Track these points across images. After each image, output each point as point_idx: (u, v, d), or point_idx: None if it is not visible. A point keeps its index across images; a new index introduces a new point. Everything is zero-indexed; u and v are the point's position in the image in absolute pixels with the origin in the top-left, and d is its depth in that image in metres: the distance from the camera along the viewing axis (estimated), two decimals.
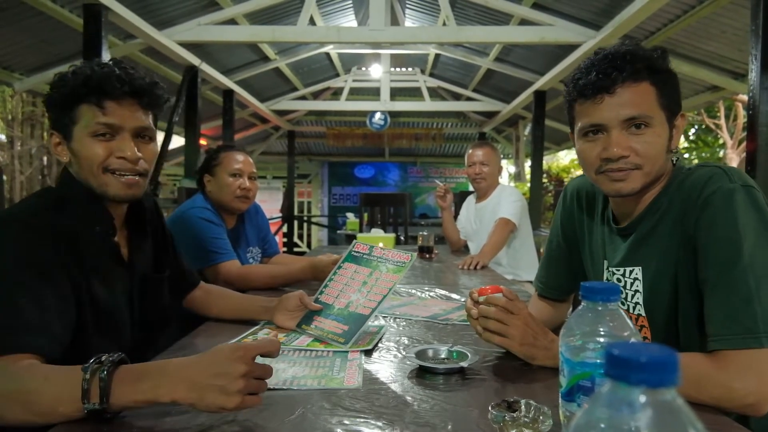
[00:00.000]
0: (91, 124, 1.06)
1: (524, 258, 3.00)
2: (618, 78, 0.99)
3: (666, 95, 1.01)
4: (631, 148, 1.00)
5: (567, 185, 1.35)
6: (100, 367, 0.77)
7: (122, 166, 1.09)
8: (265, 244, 2.39)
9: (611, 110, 1.00)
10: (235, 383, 0.75)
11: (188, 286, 1.48)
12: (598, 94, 1.01)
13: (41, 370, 0.84)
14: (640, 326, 1.09)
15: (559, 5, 4.43)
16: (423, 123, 10.04)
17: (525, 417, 0.73)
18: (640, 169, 1.01)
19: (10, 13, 3.79)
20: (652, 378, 0.34)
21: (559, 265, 1.36)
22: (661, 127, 1.01)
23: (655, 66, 1.01)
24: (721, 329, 0.88)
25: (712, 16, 3.72)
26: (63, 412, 0.77)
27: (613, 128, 1.01)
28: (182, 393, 0.76)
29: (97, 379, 0.76)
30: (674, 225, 1.01)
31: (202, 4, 4.56)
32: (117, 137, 1.08)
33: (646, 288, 1.06)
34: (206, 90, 6.36)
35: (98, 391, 0.75)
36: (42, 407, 0.78)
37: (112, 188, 1.09)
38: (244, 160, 2.14)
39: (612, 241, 1.16)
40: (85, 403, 0.75)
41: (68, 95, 1.07)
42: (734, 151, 11.24)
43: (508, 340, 1.02)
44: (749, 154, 2.74)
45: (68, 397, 0.77)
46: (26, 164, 10.68)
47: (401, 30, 5.42)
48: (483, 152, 3.00)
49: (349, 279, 1.30)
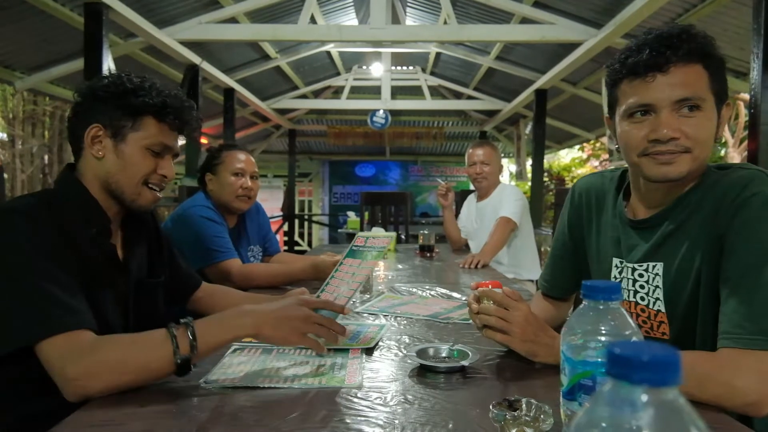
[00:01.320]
0: (154, 140, 1.14)
1: (525, 257, 3.00)
2: (672, 57, 0.96)
3: (717, 80, 0.98)
4: (681, 131, 0.96)
5: (575, 184, 1.34)
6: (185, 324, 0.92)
7: (160, 182, 1.18)
8: (266, 242, 2.39)
9: (663, 90, 0.96)
10: (300, 324, 0.98)
11: (190, 288, 1.47)
12: (650, 72, 0.97)
13: (125, 338, 0.95)
14: (659, 322, 1.07)
15: (561, 4, 4.42)
16: (424, 122, 10.03)
17: (526, 416, 0.73)
18: (689, 152, 0.98)
19: (11, 12, 3.79)
20: (654, 377, 0.34)
21: (564, 265, 1.35)
22: (711, 112, 0.98)
23: (708, 50, 0.98)
24: (738, 328, 0.88)
25: (714, 14, 3.71)
26: (154, 368, 0.89)
27: (664, 108, 0.97)
28: (262, 326, 0.96)
29: (184, 331, 0.91)
30: (704, 223, 0.99)
31: (203, 2, 4.56)
32: (164, 156, 1.18)
33: (667, 284, 1.05)
34: (207, 88, 6.36)
35: (188, 342, 0.90)
36: (135, 367, 0.88)
37: (143, 199, 1.16)
38: (246, 159, 2.14)
39: (628, 236, 1.13)
40: (177, 354, 0.89)
41: (140, 105, 1.12)
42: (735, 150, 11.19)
43: (509, 337, 1.01)
44: (750, 153, 2.74)
45: (159, 353, 0.89)
46: (27, 163, 10.69)
47: (402, 28, 5.41)
48: (483, 152, 3.00)
49: (344, 274, 1.29)
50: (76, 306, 0.95)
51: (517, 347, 1.02)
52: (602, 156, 12.10)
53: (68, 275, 0.98)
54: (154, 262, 1.31)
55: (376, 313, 1.53)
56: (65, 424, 0.78)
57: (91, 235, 1.09)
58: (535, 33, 4.46)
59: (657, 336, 1.08)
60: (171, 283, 1.38)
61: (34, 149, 10.72)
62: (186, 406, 0.84)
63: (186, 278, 1.46)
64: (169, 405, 0.84)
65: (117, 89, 1.12)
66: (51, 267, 0.96)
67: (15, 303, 0.92)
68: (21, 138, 10.63)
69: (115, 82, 1.13)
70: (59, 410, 0.82)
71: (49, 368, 0.90)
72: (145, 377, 0.90)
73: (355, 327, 1.34)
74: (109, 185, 1.13)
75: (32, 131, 10.72)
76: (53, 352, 0.89)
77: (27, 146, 10.71)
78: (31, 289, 0.93)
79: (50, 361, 0.89)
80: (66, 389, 0.87)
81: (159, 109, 1.13)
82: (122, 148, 1.12)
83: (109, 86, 1.13)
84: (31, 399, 0.99)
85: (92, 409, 0.83)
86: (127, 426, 0.78)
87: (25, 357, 0.90)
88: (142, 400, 0.86)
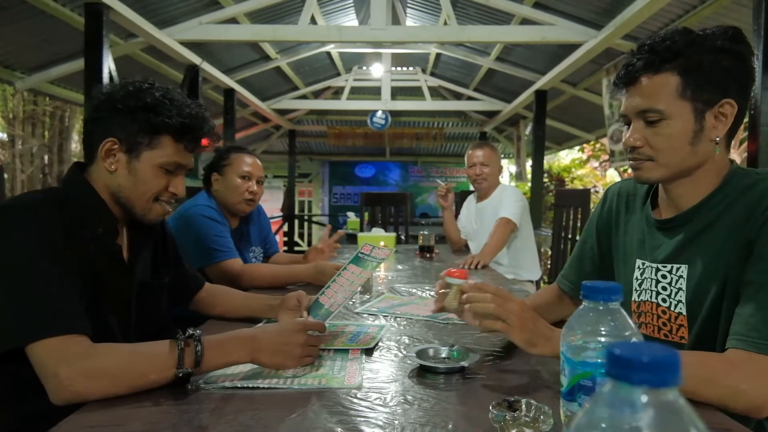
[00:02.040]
0: (168, 159, 1.14)
1: (525, 258, 3.00)
2: (635, 71, 1.01)
3: (694, 85, 0.97)
4: (644, 140, 1.02)
5: (608, 188, 1.33)
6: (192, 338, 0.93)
7: (170, 199, 1.19)
8: (267, 244, 2.39)
9: (631, 102, 1.04)
10: (297, 349, 1.01)
11: (194, 289, 1.47)
12: (624, 88, 1.05)
13: (125, 346, 0.94)
14: (679, 325, 1.06)
15: (561, 5, 4.43)
16: (424, 122, 10.04)
17: (526, 416, 0.73)
18: (652, 160, 1.03)
19: (11, 12, 3.79)
20: (654, 378, 0.34)
21: (591, 266, 1.33)
22: (681, 119, 0.99)
23: (686, 53, 0.97)
24: (751, 331, 0.87)
25: (714, 15, 3.72)
26: (154, 379, 0.89)
27: (633, 119, 1.04)
28: (260, 355, 0.98)
29: (192, 349, 0.92)
30: (733, 227, 0.98)
31: (203, 3, 4.56)
32: (177, 174, 1.18)
33: (690, 288, 1.04)
34: (207, 89, 6.37)
35: (193, 358, 0.91)
36: (132, 376, 0.88)
37: (154, 214, 1.17)
38: (254, 163, 2.15)
39: (653, 237, 1.13)
40: (180, 369, 0.89)
41: (159, 125, 1.10)
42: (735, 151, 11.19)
43: (507, 325, 0.97)
44: (750, 154, 2.74)
45: (160, 365, 0.90)
46: (27, 163, 10.69)
47: (402, 29, 5.42)
48: (483, 153, 3.00)
49: (345, 280, 1.29)
50: (72, 310, 0.94)
51: (516, 336, 0.97)
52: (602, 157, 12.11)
53: (68, 276, 0.97)
54: (158, 264, 1.30)
55: (375, 314, 1.52)
56: (64, 424, 0.78)
57: (97, 235, 1.09)
58: (535, 34, 4.46)
59: (674, 340, 1.07)
60: (175, 284, 1.37)
61: (34, 149, 10.72)
62: (186, 406, 0.84)
63: (190, 279, 1.46)
64: (169, 405, 0.84)
65: (137, 103, 1.09)
66: (51, 267, 0.95)
67: (10, 303, 0.91)
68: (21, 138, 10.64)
69: (136, 95, 1.10)
70: (58, 411, 0.82)
71: (40, 370, 0.88)
72: (143, 385, 0.89)
73: (354, 327, 1.34)
74: (119, 198, 1.13)
75: (32, 131, 10.73)
76: (45, 355, 0.87)
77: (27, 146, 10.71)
78: (28, 290, 0.92)
79: (42, 363, 0.87)
80: (55, 390, 0.86)
81: (178, 130, 1.12)
82: (135, 165, 1.11)
83: (130, 99, 1.10)
84: (30, 399, 0.99)
85: (91, 410, 0.83)
86: (126, 426, 0.78)
87: (24, 358, 0.90)
88: (142, 400, 0.86)
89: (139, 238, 1.23)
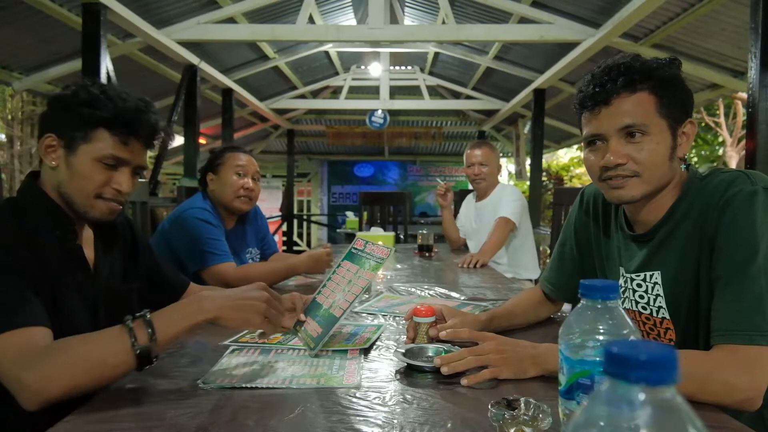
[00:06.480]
0: (104, 152, 1.09)
1: (524, 257, 3.00)
2: (613, 90, 1.02)
3: (667, 103, 1.02)
4: (628, 156, 1.03)
5: (585, 189, 1.34)
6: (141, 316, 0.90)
7: (115, 197, 1.12)
8: (264, 245, 2.38)
9: (608, 120, 1.03)
10: (260, 305, 0.98)
11: (178, 290, 1.46)
12: (596, 107, 1.04)
13: (75, 338, 0.90)
14: (665, 329, 1.09)
15: (559, 3, 4.43)
16: (422, 121, 10.04)
17: (524, 415, 0.73)
18: (638, 176, 1.03)
19: (9, 12, 3.79)
20: (652, 376, 0.34)
21: (571, 268, 1.34)
22: (660, 135, 1.02)
23: (655, 75, 1.02)
24: (731, 325, 0.89)
25: (712, 13, 3.72)
26: (112, 363, 0.86)
27: (611, 137, 1.04)
28: (222, 309, 0.95)
29: (140, 323, 0.89)
30: (694, 228, 1.02)
31: (201, 2, 4.56)
32: (119, 169, 1.12)
33: (667, 292, 1.07)
34: (205, 89, 6.36)
35: (146, 332, 0.88)
36: (92, 365, 0.85)
37: (96, 211, 1.11)
38: (248, 159, 2.15)
39: (627, 247, 1.16)
40: (135, 345, 0.86)
41: (91, 117, 1.07)
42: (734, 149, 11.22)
43: (496, 369, 0.96)
44: (749, 152, 2.74)
45: (115, 348, 0.87)
46: (26, 164, 10.68)
47: (400, 28, 5.42)
48: (481, 152, 3.00)
49: (341, 278, 1.28)
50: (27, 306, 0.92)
51: (505, 374, 0.96)
52: None
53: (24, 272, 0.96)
54: (128, 268, 1.29)
55: (374, 313, 1.53)
56: (64, 424, 0.78)
57: (55, 238, 1.07)
58: (534, 32, 4.46)
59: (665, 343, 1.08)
60: (157, 286, 1.36)
61: (33, 150, 10.70)
62: (184, 406, 0.84)
63: (172, 280, 1.45)
64: (168, 405, 0.84)
65: (73, 99, 1.09)
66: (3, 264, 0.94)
67: None
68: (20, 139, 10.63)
69: (76, 92, 1.09)
70: (58, 411, 0.82)
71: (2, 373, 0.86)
72: (105, 374, 0.87)
73: (352, 327, 1.34)
74: (61, 195, 1.11)
75: (31, 132, 10.71)
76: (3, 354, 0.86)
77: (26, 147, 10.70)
78: None
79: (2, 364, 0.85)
80: (22, 396, 0.84)
81: (109, 120, 1.08)
82: (72, 159, 1.08)
83: (67, 96, 1.09)
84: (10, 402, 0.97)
85: (91, 410, 0.83)
86: (125, 426, 0.77)
87: None
88: (141, 400, 0.86)
89: (106, 241, 1.21)
